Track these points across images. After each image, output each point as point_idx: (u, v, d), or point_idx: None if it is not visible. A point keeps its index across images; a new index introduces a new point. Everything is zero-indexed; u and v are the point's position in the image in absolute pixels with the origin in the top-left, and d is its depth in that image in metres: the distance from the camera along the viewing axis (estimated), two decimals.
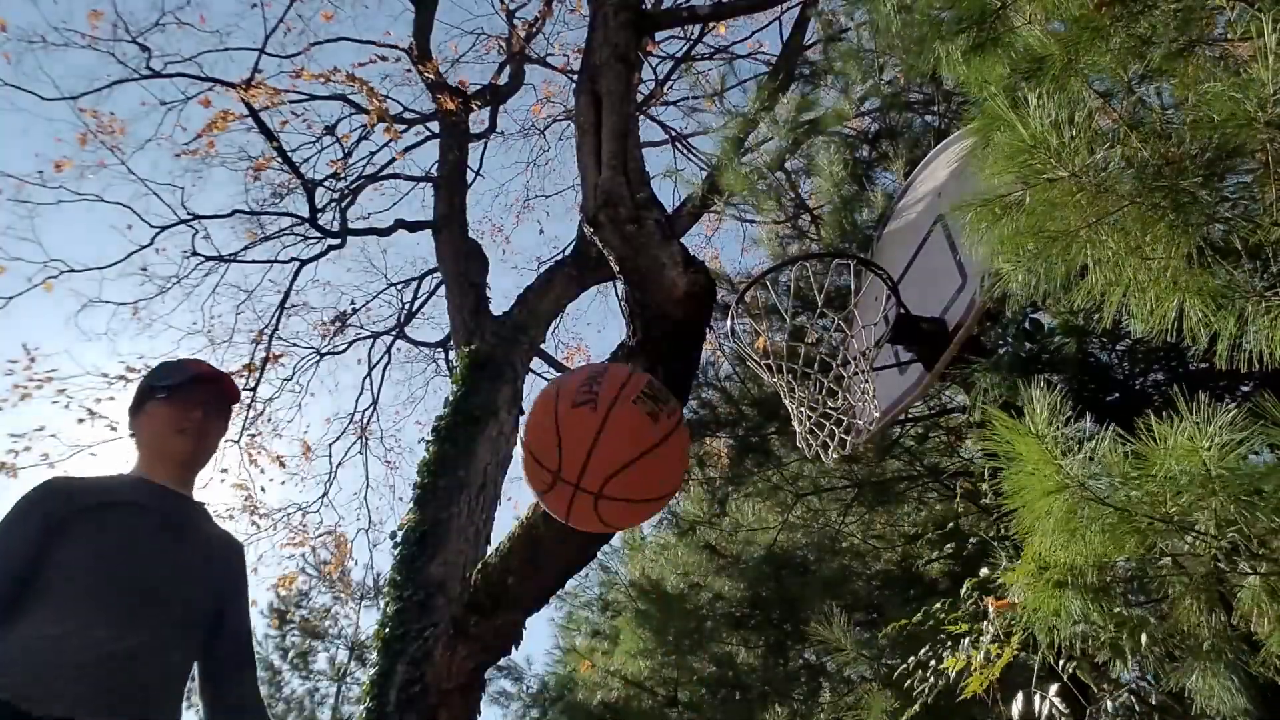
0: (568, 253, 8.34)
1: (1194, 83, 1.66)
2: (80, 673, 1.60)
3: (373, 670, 5.16)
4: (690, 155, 9.18)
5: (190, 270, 8.74)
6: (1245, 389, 2.21)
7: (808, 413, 3.10)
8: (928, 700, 2.59)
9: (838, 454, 3.06)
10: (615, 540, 6.13)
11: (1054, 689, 2.36)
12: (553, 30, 12.27)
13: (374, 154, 9.28)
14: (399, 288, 10.15)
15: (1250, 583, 1.58)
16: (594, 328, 30.34)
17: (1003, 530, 2.72)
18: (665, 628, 5.28)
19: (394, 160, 9.34)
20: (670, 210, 5.69)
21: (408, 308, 10.05)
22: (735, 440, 5.24)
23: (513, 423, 6.46)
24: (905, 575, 4.31)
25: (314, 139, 8.88)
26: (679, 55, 8.84)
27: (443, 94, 8.17)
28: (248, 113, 8.09)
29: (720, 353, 5.55)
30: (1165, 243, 1.54)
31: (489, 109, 9.06)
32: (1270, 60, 1.38)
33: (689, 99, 9.17)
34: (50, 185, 8.41)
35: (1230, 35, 1.73)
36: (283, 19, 8.65)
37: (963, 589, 2.84)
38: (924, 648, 2.92)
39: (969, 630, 2.63)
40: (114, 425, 8.49)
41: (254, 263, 9.20)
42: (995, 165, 1.71)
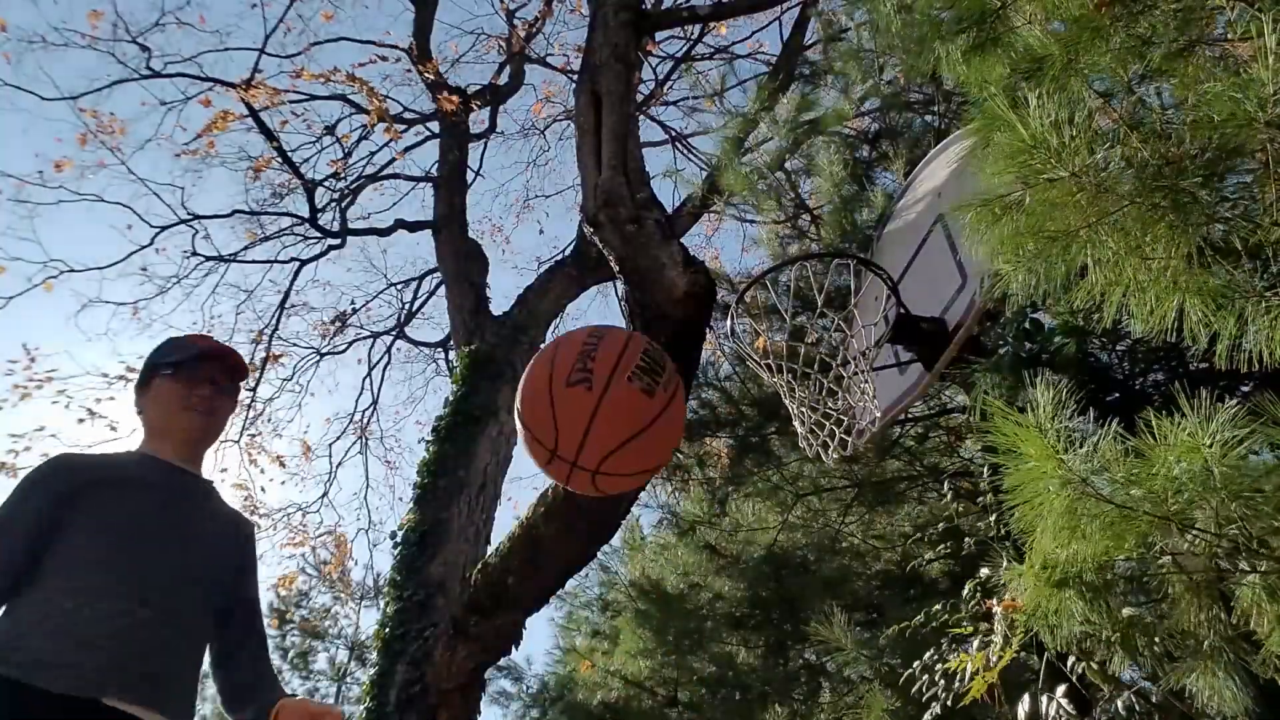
0: (568, 253, 8.34)
1: (1194, 83, 1.66)
2: (91, 646, 1.58)
3: (373, 670, 5.16)
4: (690, 155, 9.19)
5: (190, 270, 8.75)
6: (1245, 389, 2.21)
7: (808, 413, 3.10)
8: (947, 705, 2.57)
9: (838, 454, 3.06)
10: (615, 540, 6.12)
11: (1061, 690, 2.36)
12: (553, 30, 12.26)
13: (374, 154, 9.29)
14: (399, 288, 10.16)
15: (1250, 581, 1.58)
16: None
17: (1002, 530, 2.72)
18: (665, 628, 5.28)
19: (394, 160, 9.35)
20: (670, 210, 5.69)
21: (408, 308, 10.06)
22: (735, 440, 5.24)
23: (513, 423, 6.45)
24: (905, 575, 4.31)
25: (314, 139, 8.89)
26: (679, 55, 8.85)
27: (443, 94, 8.17)
28: (248, 113, 8.09)
29: (720, 353, 5.55)
30: (1165, 243, 1.54)
31: (489, 109, 9.07)
32: (1270, 60, 1.38)
33: (689, 99, 9.18)
34: (50, 185, 8.41)
35: (1230, 35, 1.73)
36: (283, 19, 8.66)
37: (964, 590, 2.84)
38: (926, 649, 2.92)
39: (974, 631, 2.62)
40: (114, 425, 8.50)
41: (254, 263, 9.20)
42: (995, 165, 1.71)
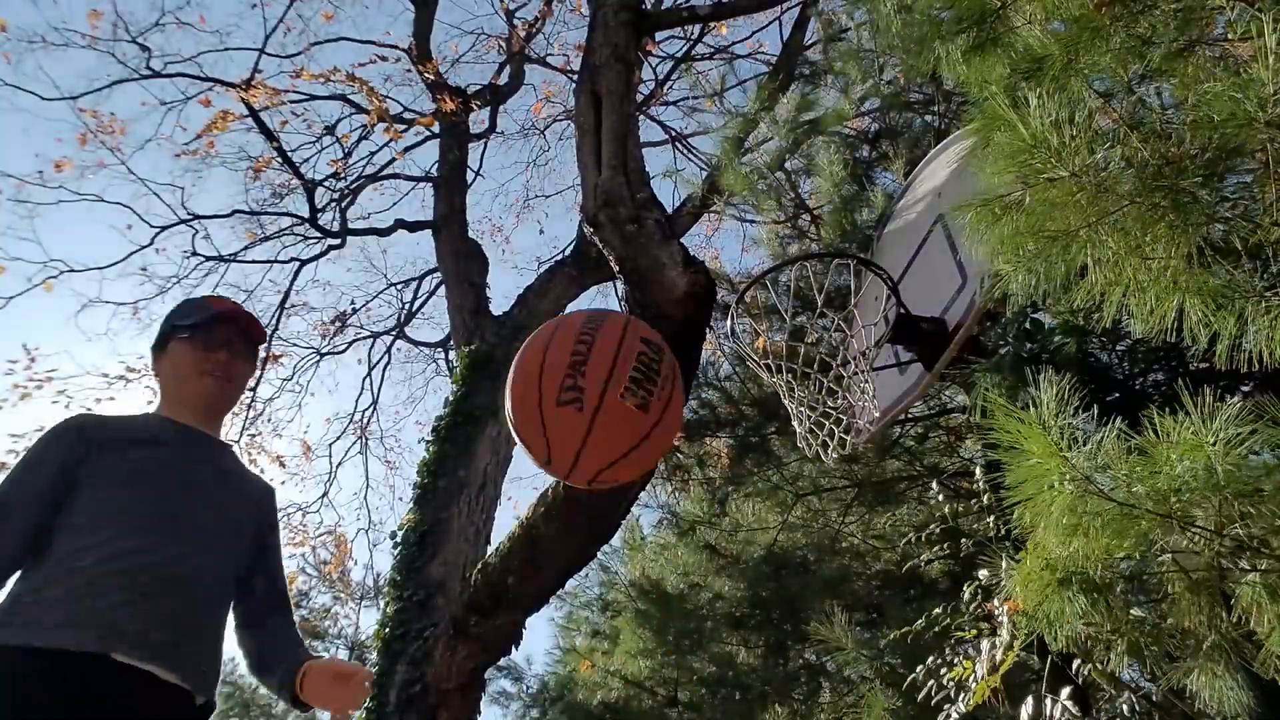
0: (568, 253, 8.34)
1: (1194, 83, 1.66)
2: (104, 603, 1.55)
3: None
4: (690, 155, 9.20)
5: (190, 270, 8.73)
6: (1245, 389, 2.21)
7: (808, 413, 3.10)
8: (962, 713, 2.56)
9: (838, 454, 3.06)
10: (615, 540, 6.13)
11: (1065, 692, 2.35)
12: (553, 30, 12.27)
13: (374, 154, 9.30)
14: (399, 288, 10.17)
15: (1250, 580, 1.58)
16: None
17: (1001, 530, 2.72)
18: (665, 628, 5.28)
19: (394, 160, 9.36)
20: (670, 210, 5.69)
21: (408, 308, 10.07)
22: (735, 440, 5.24)
23: None
24: (905, 575, 4.31)
25: (314, 139, 8.89)
26: (679, 55, 8.85)
27: (443, 94, 8.17)
28: (248, 113, 8.09)
29: (720, 353, 5.55)
30: (1165, 243, 1.54)
31: (489, 109, 9.07)
32: (1270, 60, 1.38)
33: (689, 99, 9.18)
34: (50, 185, 8.41)
35: (1230, 35, 1.73)
36: (283, 19, 8.68)
37: (964, 591, 2.84)
38: (928, 652, 2.91)
39: (977, 634, 2.62)
40: None
41: (254, 263, 9.20)
42: (995, 165, 1.71)
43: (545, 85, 10.50)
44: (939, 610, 2.94)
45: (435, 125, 8.12)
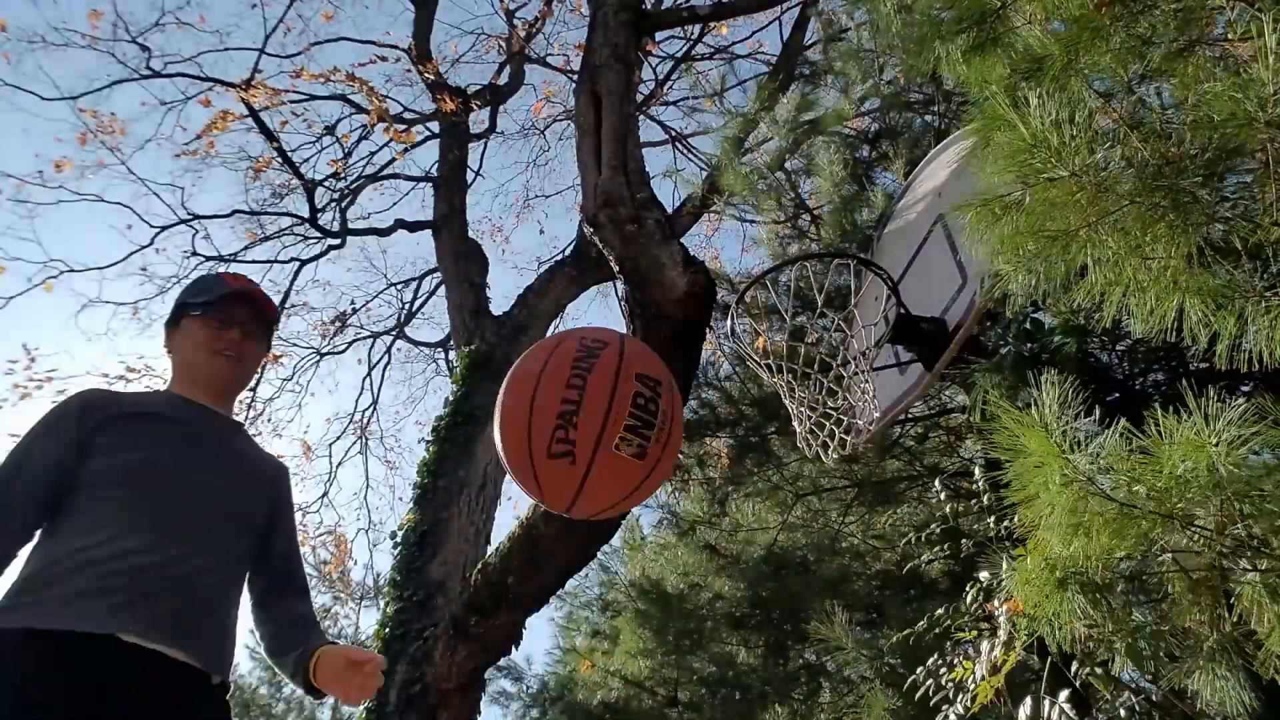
0: (568, 253, 8.34)
1: (1194, 83, 1.66)
2: (111, 582, 1.53)
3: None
4: (690, 155, 9.20)
5: (190, 270, 8.72)
6: (1245, 389, 2.21)
7: (808, 413, 3.10)
8: (961, 714, 2.56)
9: (838, 454, 3.06)
10: (615, 540, 6.12)
11: (1064, 694, 2.35)
12: (553, 30, 12.27)
13: (374, 154, 9.31)
14: (399, 288, 10.18)
15: (1251, 580, 1.58)
16: None
17: (1001, 530, 2.72)
18: (665, 628, 5.27)
19: (394, 160, 9.36)
20: (670, 210, 5.69)
21: (408, 308, 10.08)
22: (735, 440, 5.24)
23: None
24: (905, 575, 4.31)
25: (314, 139, 8.90)
26: (679, 55, 8.85)
27: (443, 94, 8.18)
28: (248, 113, 8.10)
29: (720, 353, 5.55)
30: (1165, 243, 1.54)
31: (489, 109, 9.07)
32: (1270, 60, 1.38)
33: (689, 99, 9.19)
34: (50, 185, 8.43)
35: (1230, 35, 1.73)
36: (283, 19, 8.73)
37: (965, 592, 2.83)
38: (928, 653, 2.91)
39: (978, 635, 2.62)
40: None
41: (254, 263, 9.20)
42: (995, 165, 1.71)
43: (545, 85, 10.54)
44: (940, 611, 2.94)
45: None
